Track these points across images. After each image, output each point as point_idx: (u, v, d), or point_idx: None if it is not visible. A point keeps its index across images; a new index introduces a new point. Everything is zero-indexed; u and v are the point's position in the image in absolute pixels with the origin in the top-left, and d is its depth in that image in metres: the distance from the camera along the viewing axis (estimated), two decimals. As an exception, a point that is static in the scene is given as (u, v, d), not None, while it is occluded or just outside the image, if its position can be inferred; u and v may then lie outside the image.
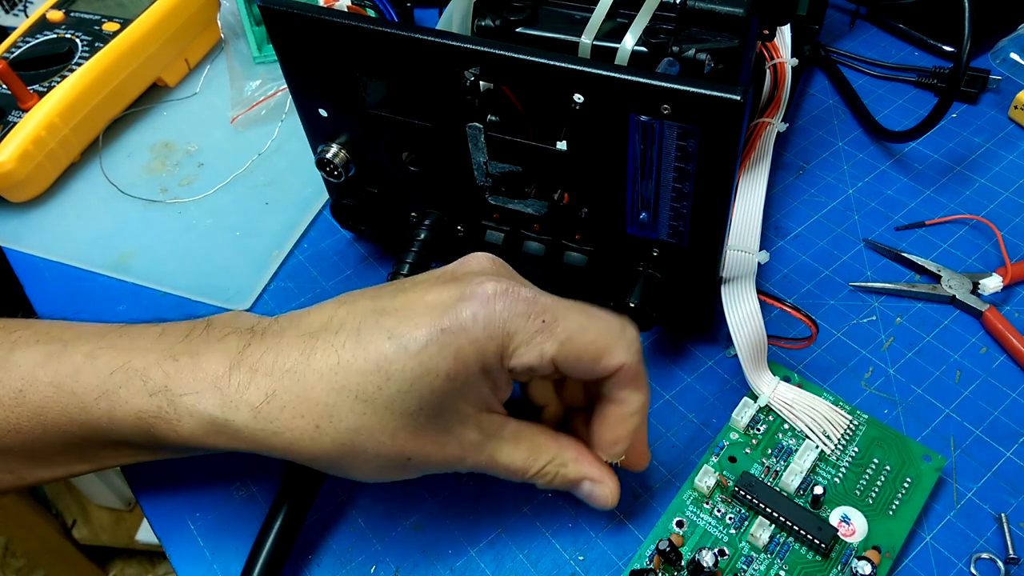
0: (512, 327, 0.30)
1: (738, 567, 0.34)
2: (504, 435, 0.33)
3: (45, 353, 0.32)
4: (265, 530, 0.35)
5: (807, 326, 0.38)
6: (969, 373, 0.41)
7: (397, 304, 0.31)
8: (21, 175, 0.51)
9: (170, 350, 0.32)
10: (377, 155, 0.41)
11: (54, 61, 0.55)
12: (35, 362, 0.32)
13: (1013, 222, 0.47)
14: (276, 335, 0.32)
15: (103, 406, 0.31)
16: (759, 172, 0.46)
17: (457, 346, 0.30)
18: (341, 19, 0.36)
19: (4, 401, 0.32)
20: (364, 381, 0.30)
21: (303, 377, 0.30)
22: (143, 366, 0.31)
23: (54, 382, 0.32)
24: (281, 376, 0.30)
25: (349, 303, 0.32)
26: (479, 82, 0.35)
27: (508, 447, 0.33)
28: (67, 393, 0.32)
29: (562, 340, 0.31)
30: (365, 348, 0.30)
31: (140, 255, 0.50)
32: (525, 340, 0.30)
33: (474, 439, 0.32)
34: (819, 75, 0.57)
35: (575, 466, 0.34)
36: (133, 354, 0.32)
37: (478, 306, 0.30)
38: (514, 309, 0.30)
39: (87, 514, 1.16)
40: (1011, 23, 0.56)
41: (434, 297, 0.31)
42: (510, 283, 0.31)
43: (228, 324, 0.33)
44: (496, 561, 0.36)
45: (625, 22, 0.37)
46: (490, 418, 0.32)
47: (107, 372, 0.32)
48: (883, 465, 0.36)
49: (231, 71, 0.59)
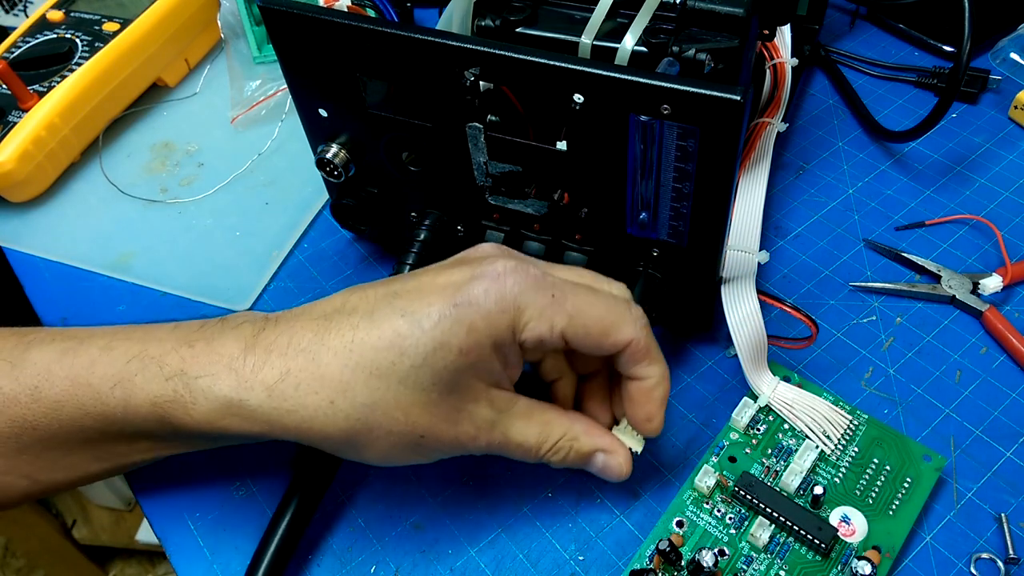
0: (523, 301, 0.31)
1: (738, 567, 0.34)
2: (515, 412, 0.33)
3: (60, 350, 0.33)
4: (272, 527, 0.35)
5: (807, 326, 0.38)
6: (969, 373, 0.41)
7: (409, 287, 0.32)
8: (21, 175, 0.51)
9: (186, 338, 0.32)
10: (377, 155, 0.41)
11: (54, 61, 0.55)
12: (51, 358, 0.32)
13: (1013, 222, 0.47)
14: (289, 320, 0.32)
15: (118, 394, 0.31)
16: (759, 172, 0.46)
17: (470, 321, 0.31)
18: (341, 19, 0.36)
19: (20, 399, 0.32)
20: (378, 357, 0.30)
21: (317, 355, 0.31)
22: (159, 353, 0.32)
23: (70, 375, 0.32)
24: (295, 355, 0.31)
25: (360, 290, 0.33)
26: (479, 82, 0.35)
27: (520, 424, 0.33)
28: (83, 385, 0.32)
29: (572, 313, 0.32)
30: (379, 326, 0.31)
31: (140, 255, 0.50)
32: (536, 314, 0.31)
33: (486, 416, 0.32)
34: (819, 75, 0.57)
35: (587, 439, 0.35)
36: (148, 343, 0.32)
37: (489, 283, 0.31)
38: (524, 284, 0.31)
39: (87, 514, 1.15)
40: (1011, 23, 0.56)
41: (445, 278, 0.32)
42: (519, 262, 0.32)
43: (242, 316, 0.34)
44: (496, 561, 0.36)
45: (625, 22, 0.37)
46: (501, 395, 0.33)
47: (123, 361, 0.32)
48: (883, 465, 0.36)
49: (231, 71, 0.59)
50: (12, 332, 0.34)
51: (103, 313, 0.47)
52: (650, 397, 0.34)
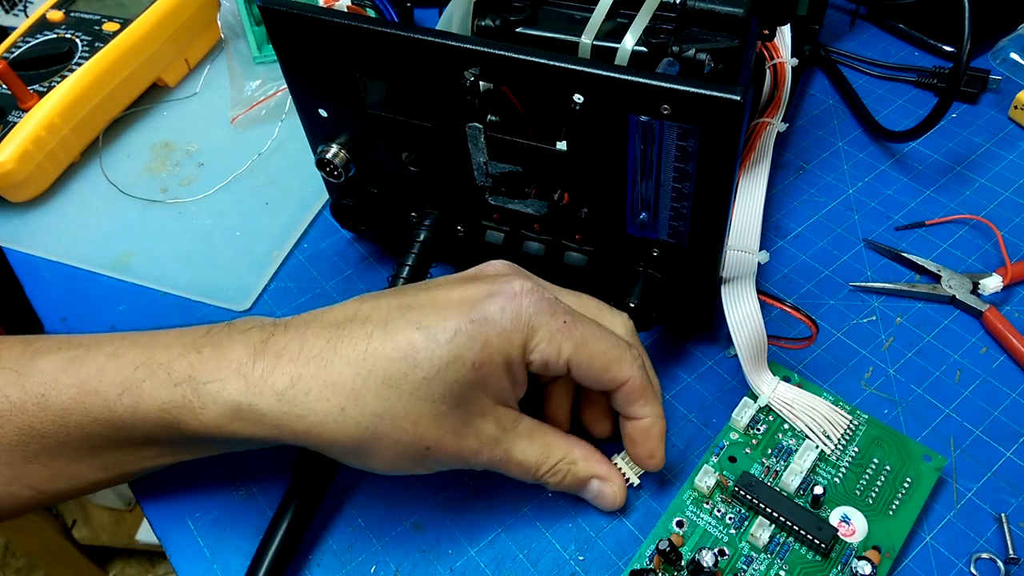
0: (537, 322, 0.32)
1: (738, 567, 0.34)
2: (519, 431, 0.34)
3: (67, 358, 0.33)
4: (272, 528, 0.35)
5: (807, 326, 0.38)
6: (969, 373, 0.41)
7: (422, 300, 0.32)
8: (21, 175, 0.51)
9: (193, 344, 0.32)
10: (377, 155, 0.41)
11: (54, 61, 0.55)
12: (57, 367, 0.32)
13: (1013, 222, 0.47)
14: (300, 327, 0.33)
15: (126, 401, 0.31)
16: (759, 172, 0.46)
17: (485, 337, 0.31)
18: (341, 19, 0.36)
19: (27, 407, 0.32)
20: (391, 368, 0.31)
21: (329, 363, 0.31)
22: (167, 359, 0.32)
23: (76, 383, 0.32)
24: (307, 362, 0.31)
25: (372, 300, 0.33)
26: (479, 82, 0.35)
27: (523, 443, 0.34)
28: (90, 393, 0.32)
29: (578, 343, 0.32)
30: (393, 337, 0.31)
31: (140, 255, 0.50)
32: (547, 336, 0.32)
33: (491, 433, 0.33)
34: (819, 75, 0.57)
35: (585, 464, 0.35)
36: (156, 350, 0.32)
37: (506, 301, 0.32)
38: (539, 306, 0.32)
39: (87, 514, 1.15)
40: (1011, 23, 0.56)
41: (460, 294, 0.32)
42: (535, 284, 0.33)
43: (249, 321, 0.34)
44: (496, 561, 0.36)
45: (625, 22, 0.37)
46: (507, 413, 0.33)
47: (131, 368, 0.32)
48: (883, 465, 0.36)
49: (231, 71, 0.58)
50: (18, 340, 0.34)
51: (103, 313, 0.47)
52: (648, 436, 0.35)
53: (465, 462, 0.33)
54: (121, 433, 0.32)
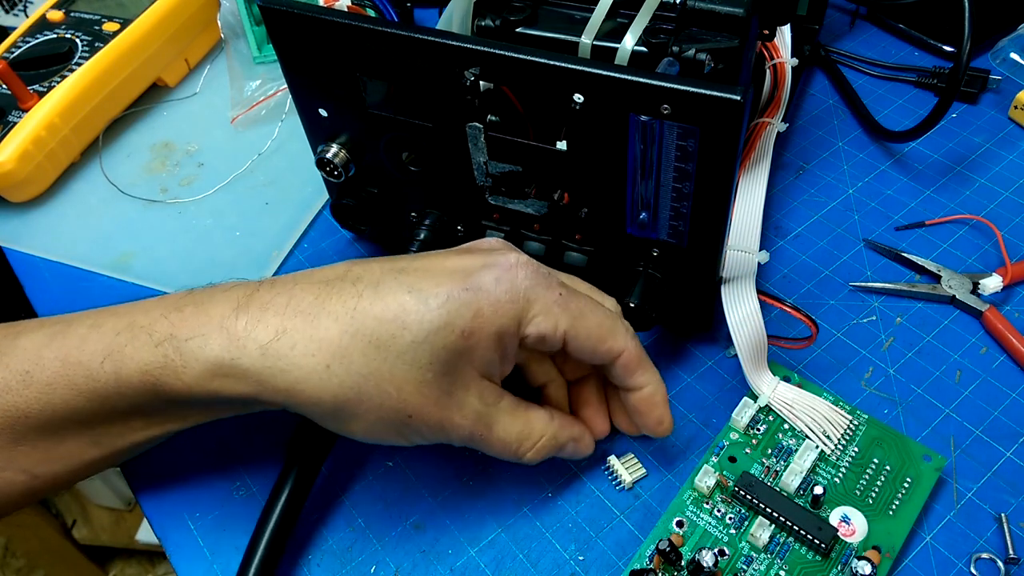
0: (532, 295, 0.32)
1: (738, 567, 0.34)
2: (501, 407, 0.34)
3: (49, 333, 0.33)
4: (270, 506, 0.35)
5: (807, 326, 0.38)
6: (969, 373, 0.41)
7: (416, 265, 0.32)
8: (21, 175, 0.51)
9: (175, 304, 0.32)
10: (377, 155, 0.41)
11: (54, 61, 0.55)
12: (40, 343, 0.32)
13: (1013, 222, 0.47)
14: (287, 283, 0.32)
15: (108, 368, 0.31)
16: (759, 172, 0.46)
17: (478, 306, 0.31)
18: (341, 19, 0.36)
19: (12, 385, 0.32)
20: (380, 328, 0.30)
21: (316, 319, 0.30)
22: (148, 322, 0.32)
23: (59, 356, 0.32)
24: (294, 315, 0.31)
25: (363, 262, 0.33)
26: (479, 82, 0.35)
27: (505, 419, 0.34)
28: (73, 364, 0.32)
29: (575, 315, 0.32)
30: (383, 298, 0.31)
31: (140, 255, 0.50)
32: (543, 309, 0.32)
33: (474, 407, 0.33)
34: (819, 75, 0.57)
35: (563, 432, 0.36)
36: (136, 314, 0.32)
37: (501, 272, 0.32)
38: (535, 279, 0.32)
39: (87, 514, 1.15)
40: (1011, 23, 0.56)
41: (455, 263, 0.32)
42: (530, 258, 0.33)
43: (231, 282, 0.33)
44: (496, 561, 0.36)
45: (625, 22, 0.37)
46: (490, 388, 0.33)
47: (112, 334, 0.32)
48: (883, 465, 0.36)
49: (231, 71, 0.59)
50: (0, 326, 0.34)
51: (103, 313, 0.47)
52: (653, 403, 0.35)
53: (445, 434, 0.33)
54: (107, 404, 0.32)
